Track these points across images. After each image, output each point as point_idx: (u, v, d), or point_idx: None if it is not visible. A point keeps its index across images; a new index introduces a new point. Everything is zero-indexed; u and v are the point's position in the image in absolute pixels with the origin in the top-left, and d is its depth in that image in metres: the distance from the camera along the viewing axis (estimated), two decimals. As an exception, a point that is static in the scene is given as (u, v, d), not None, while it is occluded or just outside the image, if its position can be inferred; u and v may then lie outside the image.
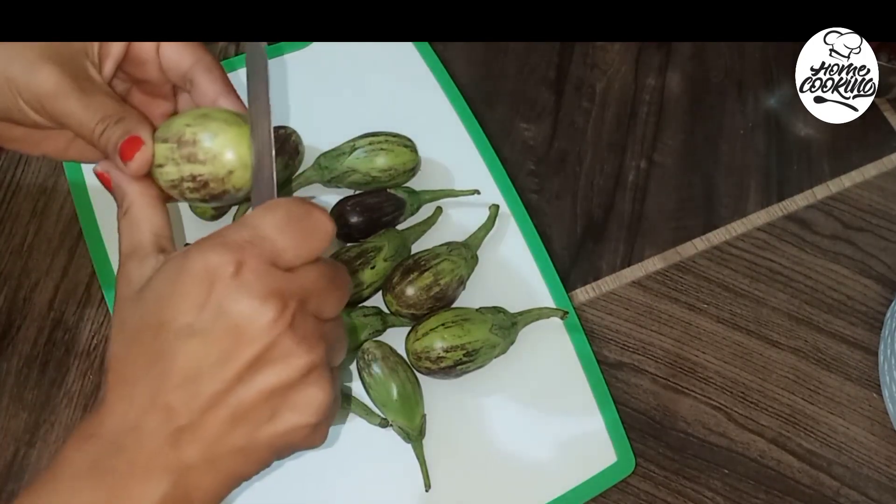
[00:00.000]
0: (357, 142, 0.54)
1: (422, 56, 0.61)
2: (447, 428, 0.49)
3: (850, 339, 0.57)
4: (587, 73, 0.66)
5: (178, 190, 0.34)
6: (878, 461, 0.53)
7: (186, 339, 0.28)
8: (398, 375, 0.48)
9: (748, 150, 0.64)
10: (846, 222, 0.62)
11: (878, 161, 0.65)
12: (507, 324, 0.50)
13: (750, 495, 0.52)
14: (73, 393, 0.50)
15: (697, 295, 0.58)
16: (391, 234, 0.52)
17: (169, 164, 0.33)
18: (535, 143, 0.63)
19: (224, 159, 0.33)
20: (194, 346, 0.28)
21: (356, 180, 0.54)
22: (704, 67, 0.68)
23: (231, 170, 0.33)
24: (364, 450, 0.48)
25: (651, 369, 0.55)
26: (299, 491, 0.47)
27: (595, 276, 0.58)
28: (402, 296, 0.49)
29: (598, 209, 0.61)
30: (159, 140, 0.33)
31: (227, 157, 0.33)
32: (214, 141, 0.33)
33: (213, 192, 0.33)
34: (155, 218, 0.33)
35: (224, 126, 0.33)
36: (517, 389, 0.51)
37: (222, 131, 0.33)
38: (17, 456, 0.48)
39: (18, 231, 0.54)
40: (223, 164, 0.33)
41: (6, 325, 0.51)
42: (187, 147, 0.33)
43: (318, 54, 0.61)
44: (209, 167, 0.33)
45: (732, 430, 0.54)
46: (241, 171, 0.33)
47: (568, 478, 0.49)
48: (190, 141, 0.33)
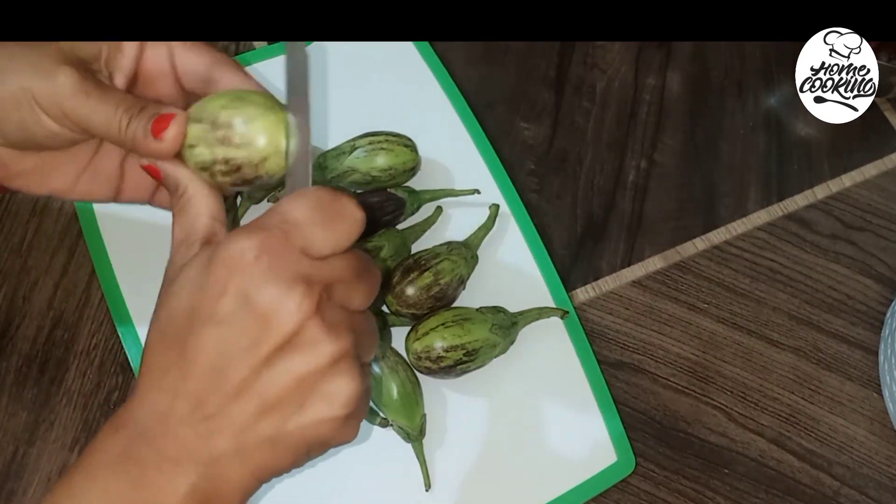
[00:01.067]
0: (357, 141, 0.54)
1: (422, 56, 0.61)
2: (447, 428, 0.49)
3: (850, 339, 0.57)
4: (587, 72, 0.66)
5: (208, 172, 0.33)
6: (879, 461, 0.53)
7: (214, 327, 0.28)
8: (398, 375, 0.48)
9: (748, 149, 0.64)
10: (846, 222, 0.62)
11: (878, 161, 0.65)
12: (508, 323, 0.50)
13: (750, 495, 0.52)
14: (72, 392, 0.50)
15: (698, 295, 0.58)
16: (391, 234, 0.52)
17: (201, 146, 0.32)
18: (535, 143, 0.63)
19: (259, 145, 0.32)
20: (221, 333, 0.28)
21: (356, 180, 0.54)
22: (704, 67, 0.68)
23: (265, 156, 0.32)
24: (364, 450, 0.48)
25: (651, 369, 0.55)
26: (299, 490, 0.47)
27: (595, 275, 0.58)
28: (402, 295, 0.49)
29: (598, 209, 0.60)
30: (192, 120, 0.33)
31: (262, 143, 0.32)
32: (251, 125, 0.32)
33: (245, 177, 0.33)
34: (212, 201, 0.33)
35: (261, 110, 0.32)
36: (517, 389, 0.51)
37: (259, 116, 0.32)
38: (16, 455, 0.48)
39: (18, 229, 0.54)
40: (258, 150, 0.32)
41: (5, 323, 0.51)
42: (222, 129, 0.32)
43: (318, 54, 0.61)
44: (244, 152, 0.32)
45: (733, 429, 0.54)
46: (275, 157, 0.32)
47: (568, 478, 0.49)
48: (225, 123, 0.32)
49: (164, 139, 0.32)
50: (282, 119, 0.32)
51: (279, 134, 0.32)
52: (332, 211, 0.30)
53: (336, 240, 0.30)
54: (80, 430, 0.49)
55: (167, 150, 0.32)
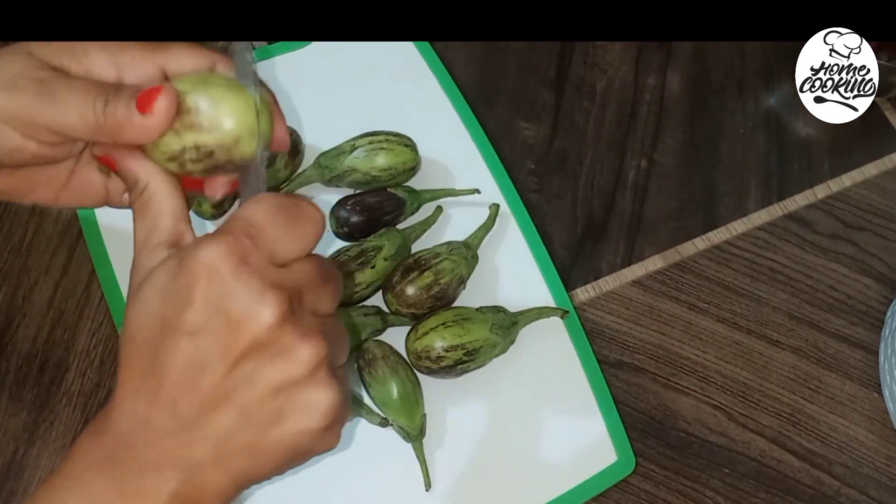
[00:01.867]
0: (357, 141, 0.54)
1: (422, 56, 0.61)
2: (447, 428, 0.49)
3: (850, 339, 0.57)
4: (587, 72, 0.66)
5: (177, 163, 0.31)
6: (879, 460, 0.53)
7: (187, 337, 0.28)
8: (398, 375, 0.48)
9: (748, 149, 0.64)
10: (847, 222, 0.62)
11: (878, 160, 0.65)
12: (508, 323, 0.50)
13: (750, 495, 0.52)
14: (72, 392, 0.50)
15: (698, 294, 0.58)
16: (391, 234, 0.52)
17: (168, 135, 0.30)
18: (535, 143, 0.63)
19: (231, 126, 0.30)
20: (194, 343, 0.28)
21: (356, 179, 0.54)
22: (705, 67, 0.68)
23: (238, 137, 0.31)
24: (364, 449, 0.48)
25: (651, 369, 0.55)
26: (299, 490, 0.47)
27: (595, 275, 0.58)
28: (402, 295, 0.49)
29: (598, 208, 0.60)
30: None
31: (233, 124, 0.30)
32: (219, 107, 0.30)
33: (218, 162, 0.31)
34: (175, 198, 0.31)
35: (227, 92, 0.31)
36: (517, 389, 0.51)
37: (226, 98, 0.31)
38: (16, 455, 0.48)
39: (18, 229, 0.54)
40: (230, 132, 0.31)
41: (5, 323, 0.51)
42: (188, 115, 0.30)
43: (318, 54, 0.61)
44: (215, 135, 0.30)
45: (733, 429, 0.53)
46: (248, 139, 0.31)
47: (568, 477, 0.49)
48: (192, 108, 0.30)
49: (155, 111, 0.30)
50: (250, 99, 0.31)
51: (250, 114, 0.31)
52: (293, 214, 0.30)
53: (301, 243, 0.30)
54: (80, 429, 0.49)
55: (157, 124, 0.30)
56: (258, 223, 0.29)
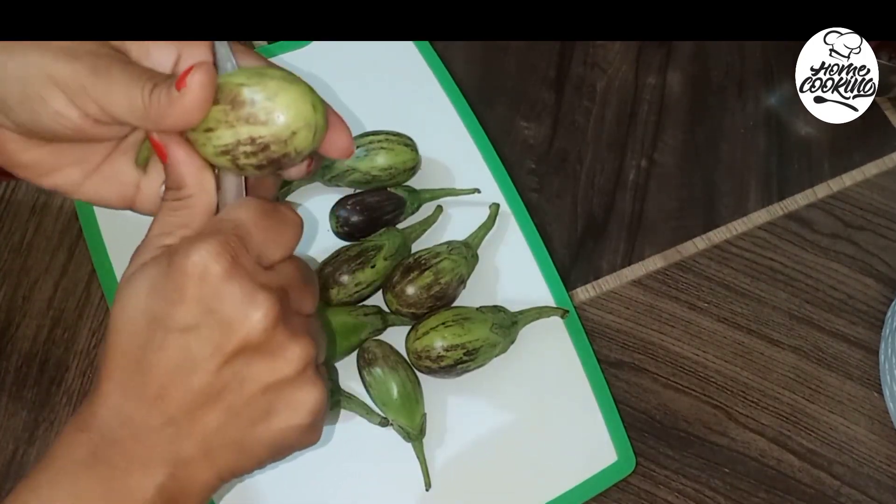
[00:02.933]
0: (357, 140, 0.54)
1: (422, 55, 0.61)
2: (447, 427, 0.49)
3: (850, 338, 0.57)
4: (587, 72, 0.66)
5: (229, 157, 0.30)
6: (879, 460, 0.53)
7: (176, 335, 0.28)
8: (398, 374, 0.48)
9: (749, 149, 0.64)
10: (847, 221, 0.62)
11: (878, 160, 0.65)
12: (508, 323, 0.50)
13: (750, 494, 0.52)
14: (72, 391, 0.50)
15: (698, 294, 0.58)
16: (391, 233, 0.52)
17: (221, 128, 0.30)
18: (535, 142, 0.63)
19: (287, 119, 0.30)
20: (184, 341, 0.28)
21: (356, 179, 0.53)
22: (705, 67, 0.68)
23: (295, 130, 0.30)
24: (364, 449, 0.48)
25: (651, 368, 0.55)
26: (299, 490, 0.47)
27: (595, 275, 0.58)
28: (402, 295, 0.49)
29: (598, 208, 0.60)
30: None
31: (290, 117, 0.30)
32: (276, 100, 0.30)
33: (273, 156, 0.31)
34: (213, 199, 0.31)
35: (284, 84, 0.30)
36: (517, 389, 0.51)
37: (283, 90, 0.30)
38: (16, 454, 0.48)
39: (18, 228, 0.54)
40: (287, 125, 0.30)
41: (5, 322, 0.51)
42: (244, 107, 0.30)
43: (318, 54, 0.61)
44: (271, 128, 0.30)
45: (733, 429, 0.53)
46: (305, 131, 0.30)
47: (568, 477, 0.49)
48: (247, 101, 0.30)
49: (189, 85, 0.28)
50: (306, 91, 0.31)
51: (307, 106, 0.30)
52: (276, 218, 0.30)
53: (284, 244, 0.30)
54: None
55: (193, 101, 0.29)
56: (245, 225, 0.29)
